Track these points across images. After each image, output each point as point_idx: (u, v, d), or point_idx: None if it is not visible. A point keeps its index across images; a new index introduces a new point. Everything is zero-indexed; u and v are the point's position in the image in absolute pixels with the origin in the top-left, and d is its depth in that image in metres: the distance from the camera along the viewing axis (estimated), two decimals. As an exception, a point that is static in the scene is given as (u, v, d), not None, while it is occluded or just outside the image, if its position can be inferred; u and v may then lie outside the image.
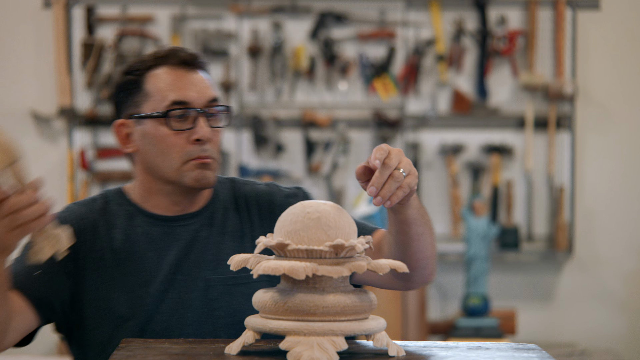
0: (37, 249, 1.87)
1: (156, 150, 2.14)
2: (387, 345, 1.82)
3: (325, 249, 1.76)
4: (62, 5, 5.54)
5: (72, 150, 5.60)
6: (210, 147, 2.13)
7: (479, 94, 5.59)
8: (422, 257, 2.05)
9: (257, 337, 1.83)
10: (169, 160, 2.13)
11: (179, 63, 2.14)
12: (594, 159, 5.67)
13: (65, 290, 2.12)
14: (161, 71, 2.13)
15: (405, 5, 5.58)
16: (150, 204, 2.19)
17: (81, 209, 2.20)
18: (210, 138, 2.12)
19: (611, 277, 5.67)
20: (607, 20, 5.63)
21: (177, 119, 2.11)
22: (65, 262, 2.08)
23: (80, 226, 2.14)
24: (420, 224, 1.99)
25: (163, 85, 2.12)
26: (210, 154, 2.13)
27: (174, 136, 2.12)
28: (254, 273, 1.75)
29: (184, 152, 2.11)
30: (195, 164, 2.11)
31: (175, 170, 2.13)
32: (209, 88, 2.14)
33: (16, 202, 1.79)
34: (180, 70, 2.14)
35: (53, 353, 5.46)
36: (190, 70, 2.14)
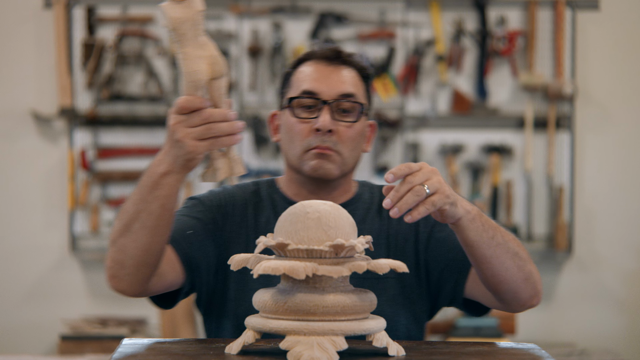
0: (214, 168, 1.91)
1: (286, 138, 2.24)
2: (387, 345, 1.84)
3: (325, 249, 1.77)
4: (62, 6, 5.55)
5: (72, 150, 5.61)
6: (333, 139, 2.19)
7: (478, 94, 5.60)
8: (499, 280, 2.03)
9: (258, 337, 1.84)
10: (293, 147, 2.22)
11: (321, 57, 2.24)
12: (594, 159, 5.67)
13: (211, 257, 2.18)
14: (307, 65, 2.25)
15: (405, 6, 5.60)
16: (292, 193, 2.27)
17: (234, 189, 2.29)
18: (333, 130, 2.17)
19: (611, 277, 5.67)
20: (607, 20, 5.63)
21: (304, 109, 2.22)
22: (214, 231, 2.18)
23: (231, 203, 2.25)
24: (488, 246, 1.97)
25: (301, 77, 2.23)
26: (331, 145, 2.18)
27: (299, 124, 2.21)
28: (254, 273, 1.76)
29: (305, 140, 2.19)
30: (314, 154, 2.18)
31: (297, 158, 2.21)
32: (344, 83, 2.21)
33: (212, 113, 1.84)
34: (321, 64, 2.24)
35: (54, 353, 5.47)
36: (330, 64, 2.24)
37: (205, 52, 1.84)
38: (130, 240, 1.95)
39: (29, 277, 5.66)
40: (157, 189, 1.91)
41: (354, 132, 2.21)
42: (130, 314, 5.49)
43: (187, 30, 1.81)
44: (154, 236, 1.95)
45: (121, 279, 2.00)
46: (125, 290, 2.03)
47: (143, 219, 1.94)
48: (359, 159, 2.28)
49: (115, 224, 2.00)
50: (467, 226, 1.93)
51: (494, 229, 1.98)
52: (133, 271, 1.99)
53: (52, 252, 5.66)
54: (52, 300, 5.64)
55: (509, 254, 2.00)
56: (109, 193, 5.65)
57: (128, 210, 1.96)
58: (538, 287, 2.08)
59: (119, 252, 1.98)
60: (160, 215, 1.94)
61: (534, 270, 2.07)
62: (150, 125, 5.65)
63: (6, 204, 5.65)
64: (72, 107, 5.56)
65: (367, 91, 2.28)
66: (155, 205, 1.92)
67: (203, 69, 1.83)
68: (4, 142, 5.64)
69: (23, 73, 5.64)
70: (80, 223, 5.63)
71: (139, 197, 1.94)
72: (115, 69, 5.56)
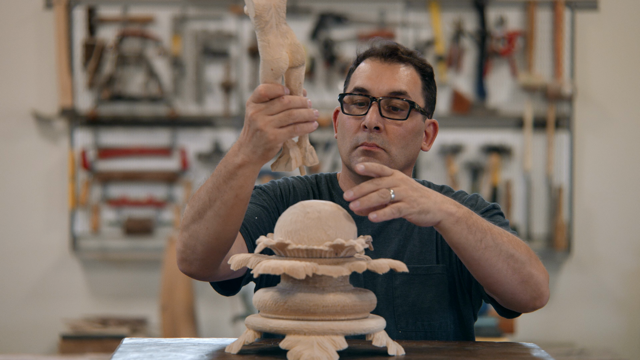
0: (287, 157, 1.90)
1: (339, 134, 2.24)
2: (387, 344, 1.84)
3: (325, 249, 1.78)
4: (63, 6, 5.56)
5: (73, 150, 5.62)
6: (381, 136, 2.17)
7: (478, 95, 5.62)
8: (492, 282, 2.00)
9: (258, 337, 1.85)
10: (344, 144, 2.22)
11: (377, 55, 2.22)
12: (593, 159, 5.68)
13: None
14: (365, 62, 2.23)
15: (405, 6, 5.61)
16: (347, 188, 2.25)
17: (295, 181, 2.32)
18: (381, 127, 2.16)
19: (609, 276, 5.68)
20: (606, 21, 5.64)
21: (356, 105, 2.22)
22: (277, 217, 2.14)
23: (293, 194, 2.27)
24: (475, 249, 1.95)
25: (357, 74, 2.23)
26: (378, 142, 2.17)
27: (349, 120, 2.21)
28: (254, 272, 1.77)
29: (354, 137, 2.19)
30: (361, 150, 2.17)
31: (347, 154, 2.21)
32: (396, 81, 2.20)
33: (292, 99, 1.84)
34: (377, 61, 2.23)
35: (55, 352, 5.48)
36: (386, 61, 2.22)
37: (287, 39, 1.84)
38: (202, 227, 1.97)
39: (29, 277, 5.66)
40: (233, 179, 1.91)
41: (404, 130, 2.18)
42: (131, 314, 5.50)
43: (270, 18, 1.81)
44: (226, 225, 1.96)
45: (191, 263, 2.02)
46: (194, 273, 2.05)
47: (217, 207, 1.94)
48: (413, 157, 2.25)
49: (188, 209, 2.01)
50: (450, 229, 1.92)
51: (484, 232, 1.95)
52: (204, 256, 2.00)
53: (52, 252, 5.66)
54: (52, 300, 5.65)
55: (501, 257, 1.96)
56: (110, 193, 5.66)
57: (202, 198, 1.97)
58: (541, 289, 2.01)
59: (190, 238, 1.99)
60: (234, 205, 1.94)
61: (537, 271, 2.00)
62: (150, 125, 5.65)
63: (7, 203, 5.66)
64: (72, 107, 5.57)
65: (426, 88, 2.25)
66: (229, 195, 1.92)
67: (284, 57, 1.83)
68: (5, 142, 5.65)
69: (24, 73, 5.64)
70: (80, 223, 5.64)
71: (213, 185, 1.94)
72: (116, 70, 5.58)
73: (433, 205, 1.89)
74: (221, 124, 5.63)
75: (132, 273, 5.64)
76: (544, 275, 2.03)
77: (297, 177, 2.32)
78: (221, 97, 5.62)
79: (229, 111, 5.60)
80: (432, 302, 2.18)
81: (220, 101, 5.63)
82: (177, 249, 2.05)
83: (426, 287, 2.19)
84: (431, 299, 2.18)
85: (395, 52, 2.22)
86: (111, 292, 5.66)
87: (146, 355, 1.87)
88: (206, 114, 5.63)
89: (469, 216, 1.94)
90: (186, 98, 5.65)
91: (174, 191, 5.67)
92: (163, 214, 5.67)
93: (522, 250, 1.99)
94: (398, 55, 2.22)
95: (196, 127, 5.65)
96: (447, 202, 1.92)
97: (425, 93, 2.24)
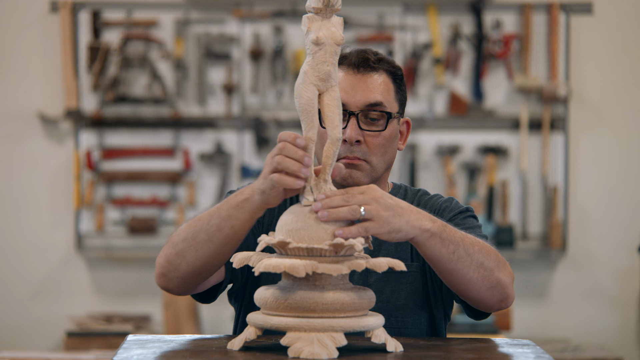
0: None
1: (318, 144, 2.16)
2: (386, 341, 1.86)
3: (325, 248, 1.80)
4: (68, 10, 5.57)
5: (78, 151, 5.62)
6: (362, 148, 2.18)
7: (474, 96, 5.62)
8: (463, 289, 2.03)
9: (259, 333, 1.86)
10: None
11: (349, 65, 2.21)
12: (587, 159, 5.68)
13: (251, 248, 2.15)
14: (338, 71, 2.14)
15: (403, 10, 5.61)
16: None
17: None
18: (361, 140, 2.17)
19: (604, 274, 5.68)
20: (600, 24, 5.64)
21: None
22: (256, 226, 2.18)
23: None
24: (448, 261, 1.97)
25: None
26: (359, 155, 2.18)
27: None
28: (256, 270, 1.80)
29: None
30: (343, 164, 2.11)
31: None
32: (371, 92, 2.19)
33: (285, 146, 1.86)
34: (350, 71, 2.21)
35: (60, 349, 5.49)
36: (359, 72, 2.21)
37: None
38: (192, 248, 1.99)
39: (35, 275, 5.68)
40: (236, 209, 1.93)
41: (383, 139, 2.19)
42: (135, 311, 5.52)
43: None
44: (216, 253, 1.98)
45: (171, 280, 2.05)
46: (171, 289, 2.07)
47: (211, 232, 1.96)
48: (392, 160, 2.26)
49: (183, 227, 2.03)
50: (424, 243, 1.93)
51: (456, 244, 1.97)
52: (186, 276, 2.03)
53: (58, 250, 5.68)
54: (58, 297, 5.67)
55: (472, 266, 1.99)
56: (114, 193, 5.68)
57: (201, 219, 1.99)
58: (507, 292, 2.05)
59: (176, 256, 2.01)
60: (228, 236, 1.96)
61: (503, 276, 2.04)
62: (153, 126, 5.67)
63: (14, 203, 5.68)
64: (77, 108, 5.59)
65: (398, 91, 2.24)
66: (227, 224, 1.94)
67: None
68: (12, 143, 5.67)
69: (30, 76, 5.66)
70: (85, 222, 5.65)
71: (215, 211, 1.97)
72: (120, 72, 5.59)
73: (405, 224, 1.88)
74: (223, 125, 5.65)
75: (136, 271, 5.66)
76: (510, 278, 2.06)
77: None
78: (223, 98, 5.65)
79: (230, 112, 5.62)
80: (406, 300, 2.20)
81: (222, 103, 5.65)
82: (159, 262, 2.06)
83: (400, 285, 2.21)
84: (405, 297, 2.20)
85: (366, 61, 2.20)
86: (115, 289, 5.67)
87: (150, 352, 1.87)
88: (208, 115, 5.65)
89: (442, 230, 1.95)
90: (189, 100, 5.67)
91: (177, 191, 5.69)
92: (166, 214, 5.69)
93: (491, 257, 2.03)
94: (370, 65, 2.20)
95: (199, 128, 5.67)
96: (421, 218, 1.92)
97: (398, 96, 2.24)
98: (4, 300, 5.69)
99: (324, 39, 1.86)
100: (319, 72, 1.87)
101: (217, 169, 5.69)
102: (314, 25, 1.87)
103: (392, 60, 2.26)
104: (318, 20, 1.88)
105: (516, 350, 1.96)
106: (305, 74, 1.88)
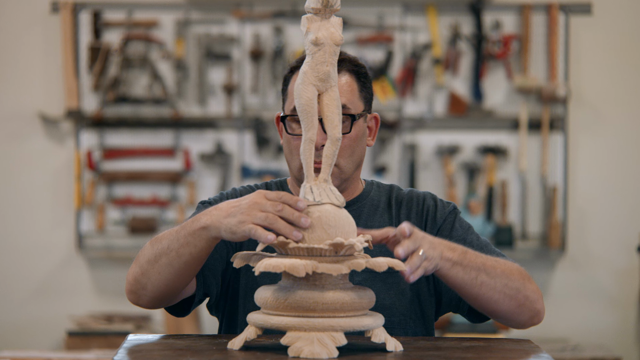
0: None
1: (286, 150, 2.23)
2: (385, 341, 1.87)
3: (325, 247, 1.81)
4: (69, 10, 5.58)
5: (79, 151, 5.64)
6: None
7: (474, 97, 5.63)
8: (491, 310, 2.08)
9: (259, 333, 1.87)
10: (292, 161, 2.22)
11: None
12: (586, 159, 5.69)
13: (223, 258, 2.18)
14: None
15: (403, 10, 5.62)
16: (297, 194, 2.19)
17: (244, 190, 2.29)
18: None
19: (603, 274, 5.68)
20: (599, 24, 5.65)
21: (298, 124, 2.16)
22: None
23: None
24: (472, 286, 2.03)
25: (293, 90, 2.13)
26: None
27: (294, 140, 2.20)
28: (256, 270, 1.81)
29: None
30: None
31: (297, 171, 2.22)
32: None
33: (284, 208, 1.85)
34: None
35: (61, 348, 5.49)
36: None
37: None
38: (155, 271, 2.01)
39: (36, 275, 5.70)
40: (193, 236, 1.95)
41: (349, 140, 2.18)
42: (135, 311, 5.50)
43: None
44: (177, 277, 2.01)
45: (140, 297, 2.07)
46: (141, 305, 2.09)
47: (171, 257, 1.98)
48: (361, 159, 2.26)
49: (147, 247, 2.04)
50: (447, 274, 1.99)
51: (478, 269, 2.02)
52: (152, 295, 2.06)
53: (59, 250, 5.69)
54: (59, 297, 5.68)
55: (497, 288, 2.05)
56: (115, 193, 5.70)
57: (161, 241, 2.01)
58: (537, 307, 2.11)
59: (142, 276, 2.04)
60: (187, 262, 1.98)
61: (530, 292, 2.10)
62: (154, 126, 5.69)
63: (15, 203, 5.69)
64: (78, 109, 5.60)
65: (362, 89, 2.23)
66: (185, 250, 1.96)
67: None
68: (13, 143, 5.68)
69: (31, 76, 5.67)
70: (86, 222, 5.67)
71: (176, 235, 1.98)
72: (121, 72, 5.60)
73: (438, 257, 1.95)
74: (223, 125, 5.67)
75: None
76: (538, 293, 2.12)
77: (247, 186, 2.32)
78: (223, 99, 5.67)
79: (231, 113, 5.63)
80: (393, 300, 2.20)
81: (223, 103, 5.67)
82: (128, 280, 2.08)
83: (387, 285, 2.21)
84: (392, 296, 2.20)
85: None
86: (116, 289, 5.67)
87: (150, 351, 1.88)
88: (209, 115, 5.67)
89: (463, 257, 2.00)
90: (189, 100, 5.69)
91: (178, 191, 5.71)
92: (167, 213, 5.70)
93: (514, 276, 2.08)
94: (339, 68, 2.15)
95: (199, 129, 5.68)
96: (445, 250, 1.98)
97: (363, 94, 2.23)
98: (5, 299, 5.70)
99: (323, 40, 1.87)
100: (318, 73, 1.88)
101: (218, 169, 5.70)
102: (313, 25, 1.88)
103: (355, 58, 2.24)
104: (317, 20, 1.88)
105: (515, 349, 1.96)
106: (305, 75, 1.88)
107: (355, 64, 2.23)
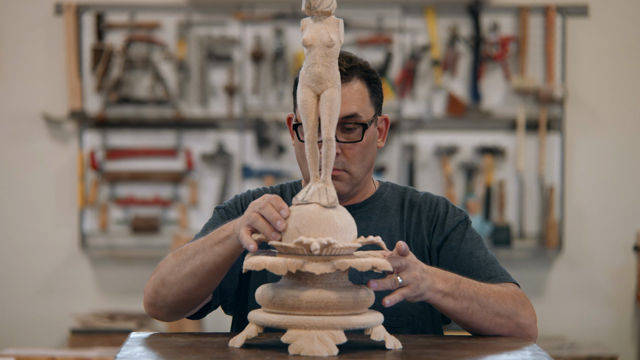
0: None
1: (298, 154, 2.22)
2: (385, 338, 1.87)
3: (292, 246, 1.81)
4: (72, 12, 5.60)
5: (82, 151, 5.66)
6: (341, 159, 2.17)
7: (472, 98, 5.65)
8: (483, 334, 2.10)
9: (260, 331, 1.87)
10: (304, 167, 2.20)
11: None
12: (583, 159, 5.71)
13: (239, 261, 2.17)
14: None
15: (402, 13, 5.64)
16: None
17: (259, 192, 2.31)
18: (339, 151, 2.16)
19: (599, 273, 5.70)
20: (596, 26, 5.67)
21: None
22: None
23: None
24: (462, 315, 2.04)
25: None
26: (339, 166, 2.17)
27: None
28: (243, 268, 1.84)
29: None
30: None
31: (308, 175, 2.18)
32: (345, 104, 2.15)
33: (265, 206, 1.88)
34: None
35: (64, 346, 5.51)
36: None
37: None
38: (177, 281, 2.04)
39: (40, 273, 5.71)
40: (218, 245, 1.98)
41: (360, 147, 2.18)
42: (138, 309, 5.54)
43: None
44: (200, 285, 2.03)
45: (159, 309, 2.11)
46: (159, 317, 2.12)
47: (195, 266, 2.01)
48: (372, 162, 2.25)
49: (169, 258, 2.07)
50: (437, 304, 2.01)
51: (470, 299, 2.03)
52: (172, 306, 2.09)
53: (62, 249, 5.71)
54: (62, 295, 5.70)
55: (488, 317, 2.06)
56: (117, 192, 5.72)
57: (186, 252, 2.04)
58: (528, 333, 2.11)
59: (163, 287, 2.07)
60: (211, 271, 2.01)
61: (524, 318, 2.10)
62: (156, 127, 5.71)
63: (18, 203, 5.71)
64: (81, 109, 5.62)
65: (373, 95, 2.21)
66: (209, 258, 2.00)
67: None
68: (17, 143, 5.70)
69: (34, 77, 5.69)
70: (89, 221, 5.69)
71: (200, 245, 2.01)
72: (123, 73, 5.63)
73: (427, 289, 1.96)
74: (225, 125, 5.69)
75: (139, 269, 5.68)
76: (531, 318, 2.12)
77: (262, 189, 2.34)
78: (225, 100, 5.68)
79: (232, 113, 5.65)
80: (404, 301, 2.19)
81: (224, 104, 5.69)
82: (147, 292, 2.10)
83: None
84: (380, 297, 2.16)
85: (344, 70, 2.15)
86: (119, 288, 5.70)
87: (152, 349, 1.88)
88: (210, 116, 5.69)
89: (455, 288, 2.02)
90: (191, 101, 5.71)
91: (180, 191, 5.72)
92: (169, 213, 5.72)
93: (508, 304, 2.08)
94: (342, 73, 2.13)
95: (200, 129, 5.70)
96: (437, 281, 1.99)
97: (373, 100, 2.22)
98: (9, 298, 5.72)
99: (312, 41, 1.86)
100: (310, 74, 1.88)
101: (219, 169, 5.74)
102: (306, 27, 1.88)
103: (366, 63, 2.22)
104: (312, 22, 1.89)
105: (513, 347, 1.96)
106: (301, 76, 1.90)
107: (366, 69, 2.20)
